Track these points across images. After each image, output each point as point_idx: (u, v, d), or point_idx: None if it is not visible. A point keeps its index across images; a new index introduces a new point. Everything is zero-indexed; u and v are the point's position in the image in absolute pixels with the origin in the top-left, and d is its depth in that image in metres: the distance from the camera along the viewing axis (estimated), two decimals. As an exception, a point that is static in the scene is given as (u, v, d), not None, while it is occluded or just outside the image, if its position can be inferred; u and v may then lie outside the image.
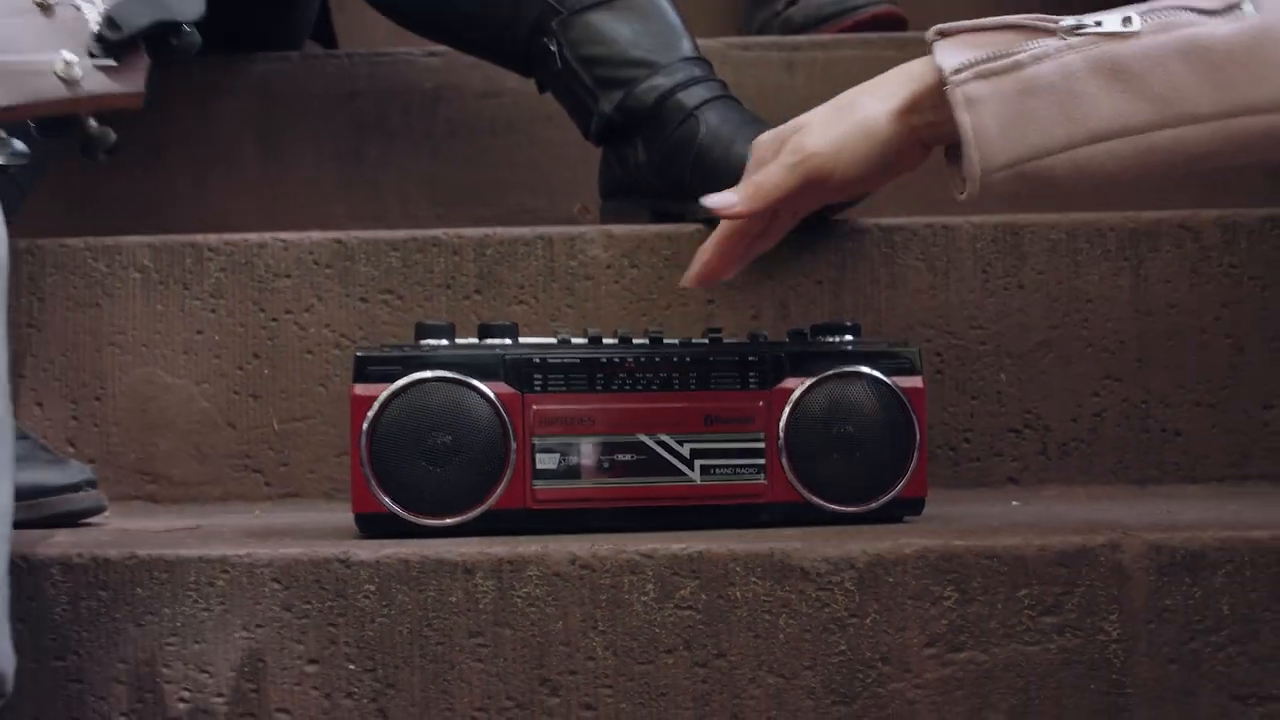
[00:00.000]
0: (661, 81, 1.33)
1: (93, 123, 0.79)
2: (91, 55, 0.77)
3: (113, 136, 0.79)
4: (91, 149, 0.79)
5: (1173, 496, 1.21)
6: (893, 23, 1.75)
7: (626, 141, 1.36)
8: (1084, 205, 1.32)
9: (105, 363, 1.28)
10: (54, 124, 0.78)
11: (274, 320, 1.28)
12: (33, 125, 0.79)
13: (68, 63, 0.76)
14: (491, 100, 1.66)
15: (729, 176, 1.08)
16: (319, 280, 1.28)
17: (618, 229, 1.29)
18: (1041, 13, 0.94)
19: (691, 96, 1.32)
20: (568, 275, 1.28)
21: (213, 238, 1.30)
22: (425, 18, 1.52)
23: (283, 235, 1.30)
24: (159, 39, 0.79)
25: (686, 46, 1.36)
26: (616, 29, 1.36)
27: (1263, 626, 0.90)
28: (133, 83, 0.78)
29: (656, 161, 1.32)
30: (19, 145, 0.76)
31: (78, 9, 0.77)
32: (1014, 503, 1.21)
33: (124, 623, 0.94)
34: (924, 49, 0.96)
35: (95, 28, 0.77)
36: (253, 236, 1.30)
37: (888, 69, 1.00)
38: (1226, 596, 0.91)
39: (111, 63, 0.77)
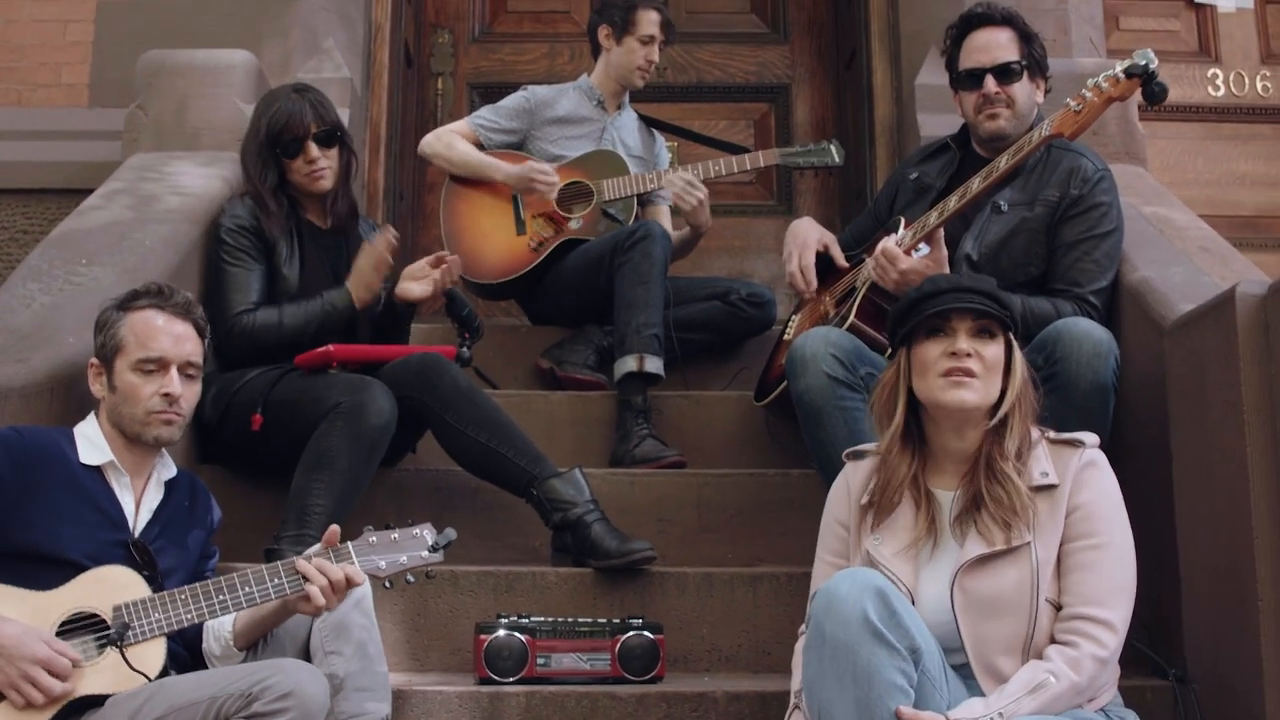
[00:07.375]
0: (578, 510, 3.42)
1: (432, 564, 2.84)
2: (426, 554, 2.83)
3: (434, 574, 2.85)
4: (430, 576, 2.85)
5: (759, 673, 3.30)
6: (681, 464, 3.87)
7: (563, 533, 3.45)
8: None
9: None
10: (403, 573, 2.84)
11: (427, 602, 3.35)
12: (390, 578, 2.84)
13: (425, 555, 2.82)
14: (504, 494, 3.73)
15: (602, 549, 3.22)
16: (443, 587, 3.35)
17: (561, 569, 3.39)
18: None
19: (590, 517, 3.41)
20: (542, 587, 3.36)
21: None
22: (472, 469, 3.60)
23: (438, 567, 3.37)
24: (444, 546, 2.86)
25: (587, 493, 3.46)
26: (559, 487, 3.46)
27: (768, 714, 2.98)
28: (440, 557, 2.85)
29: (575, 543, 3.42)
30: (409, 577, 2.82)
31: (423, 537, 2.83)
32: (706, 678, 3.28)
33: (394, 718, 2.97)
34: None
35: (430, 542, 2.84)
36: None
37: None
38: (757, 706, 2.98)
39: (438, 556, 2.83)
